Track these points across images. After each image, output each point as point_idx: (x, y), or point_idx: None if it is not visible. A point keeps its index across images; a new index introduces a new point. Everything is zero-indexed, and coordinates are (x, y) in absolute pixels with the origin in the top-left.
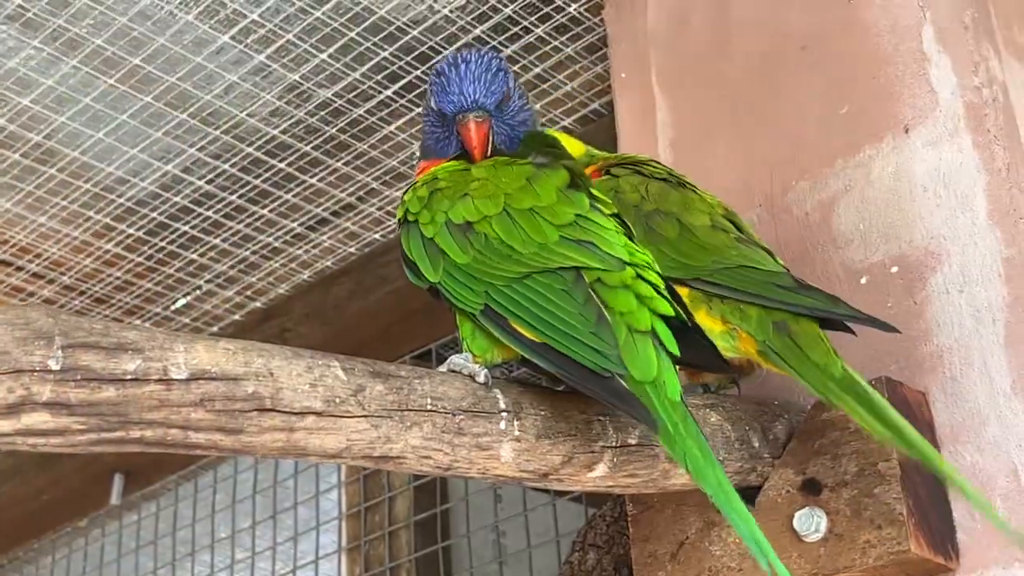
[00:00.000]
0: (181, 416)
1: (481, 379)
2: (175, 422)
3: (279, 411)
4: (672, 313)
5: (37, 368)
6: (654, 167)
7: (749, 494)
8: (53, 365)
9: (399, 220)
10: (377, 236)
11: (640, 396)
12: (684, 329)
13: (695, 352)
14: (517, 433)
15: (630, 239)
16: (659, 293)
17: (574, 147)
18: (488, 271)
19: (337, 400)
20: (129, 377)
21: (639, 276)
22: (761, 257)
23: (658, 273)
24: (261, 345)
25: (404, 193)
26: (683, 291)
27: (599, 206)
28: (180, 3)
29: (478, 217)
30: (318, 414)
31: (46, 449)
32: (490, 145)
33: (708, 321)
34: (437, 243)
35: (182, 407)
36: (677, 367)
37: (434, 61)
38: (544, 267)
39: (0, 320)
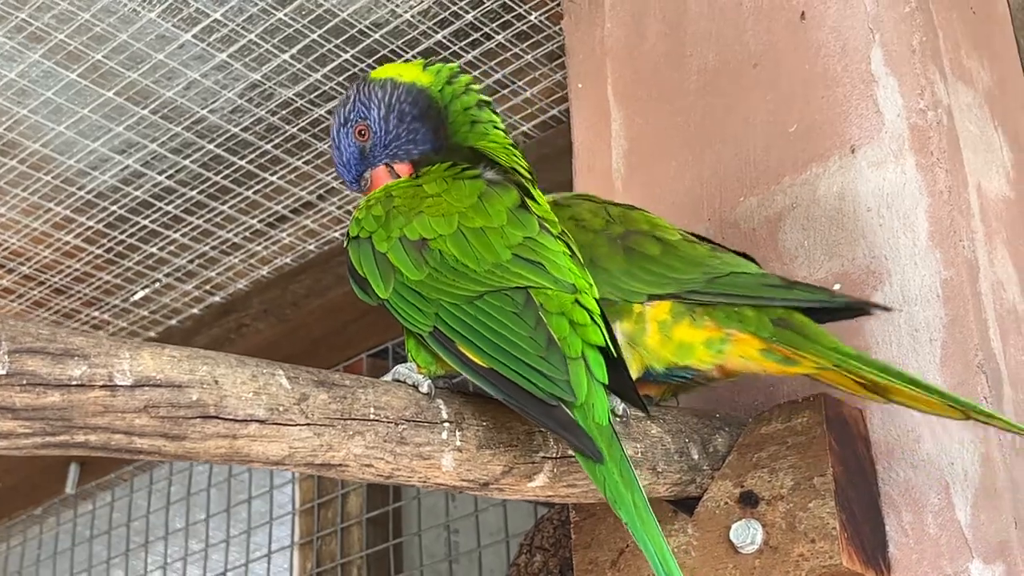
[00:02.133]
0: (125, 422)
1: (424, 389)
2: (119, 427)
3: (222, 418)
4: (602, 343)
5: None
6: (595, 199)
7: (688, 504)
8: None
9: (349, 236)
10: (336, 234)
11: (580, 419)
12: (610, 358)
13: (616, 383)
14: (459, 443)
15: (574, 258)
16: (593, 321)
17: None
18: (441, 289)
19: (280, 408)
20: (75, 383)
21: (577, 302)
22: (742, 262)
23: (596, 300)
24: (207, 353)
25: (356, 211)
26: (665, 306)
27: (548, 227)
28: (143, 1)
29: (433, 234)
30: (261, 422)
31: None
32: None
33: (690, 333)
34: (389, 259)
35: (126, 413)
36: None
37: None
38: (499, 286)
39: None
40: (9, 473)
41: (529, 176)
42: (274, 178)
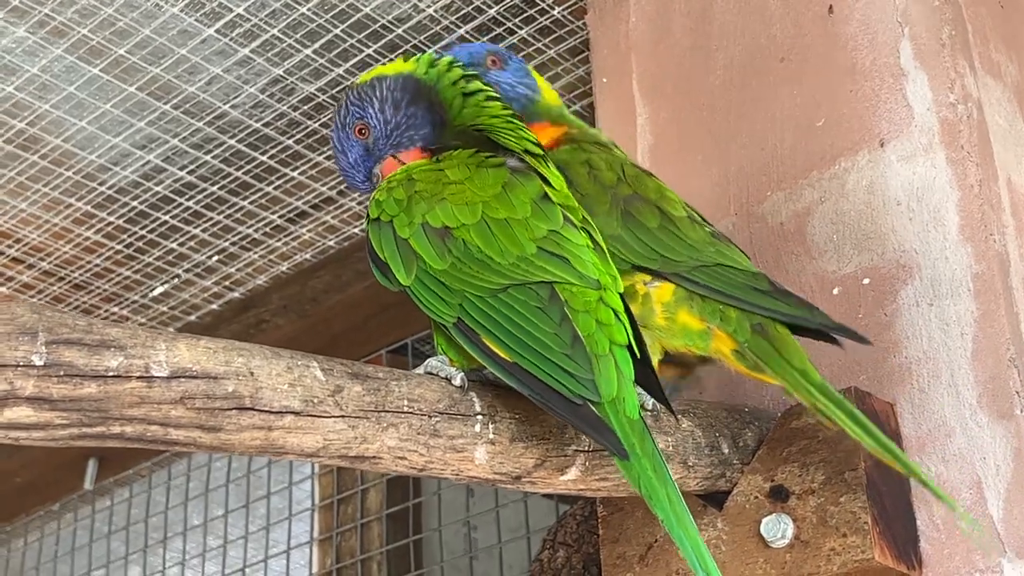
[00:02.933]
0: (161, 413)
1: (457, 382)
2: (155, 419)
3: (258, 410)
4: (626, 342)
5: (21, 363)
6: (618, 150)
7: (718, 499)
8: (37, 360)
9: (369, 218)
10: (356, 230)
11: (605, 417)
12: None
13: (642, 378)
14: (492, 436)
15: (597, 249)
16: (618, 318)
17: (552, 97)
18: (465, 280)
19: (315, 400)
20: (111, 374)
21: (602, 300)
22: (737, 256)
23: (620, 294)
24: (241, 344)
25: (376, 191)
26: (668, 287)
27: (570, 217)
28: None
29: (456, 223)
30: (296, 413)
31: (27, 442)
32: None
33: (689, 319)
34: (412, 245)
35: (162, 404)
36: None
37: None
38: (523, 280)
39: None
40: (27, 468)
41: (541, 153)
42: (295, 174)
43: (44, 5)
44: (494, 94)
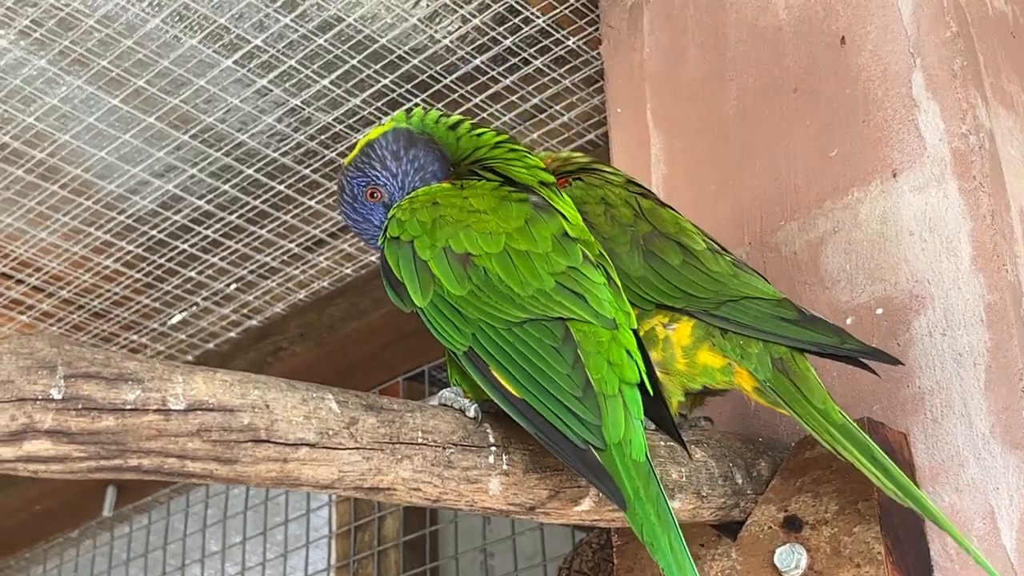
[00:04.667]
0: (178, 446)
1: (471, 413)
2: (172, 451)
3: (273, 442)
4: (637, 380)
5: (40, 397)
6: (613, 173)
7: (732, 529)
8: (55, 394)
9: (387, 236)
10: (373, 258)
11: (607, 464)
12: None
13: (654, 414)
14: (505, 467)
15: (612, 286)
16: (630, 356)
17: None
18: (482, 309)
19: (330, 432)
20: (129, 407)
21: (614, 339)
22: (760, 283)
23: (634, 331)
24: (257, 377)
25: (397, 209)
26: (687, 327)
27: (587, 253)
28: (185, 27)
29: (479, 251)
30: (311, 446)
31: (46, 475)
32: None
33: (710, 358)
34: (431, 267)
35: (179, 437)
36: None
37: (433, 89)
38: (541, 314)
39: (5, 349)
40: (47, 496)
41: (553, 181)
42: (312, 202)
43: (65, 36)
44: (473, 122)
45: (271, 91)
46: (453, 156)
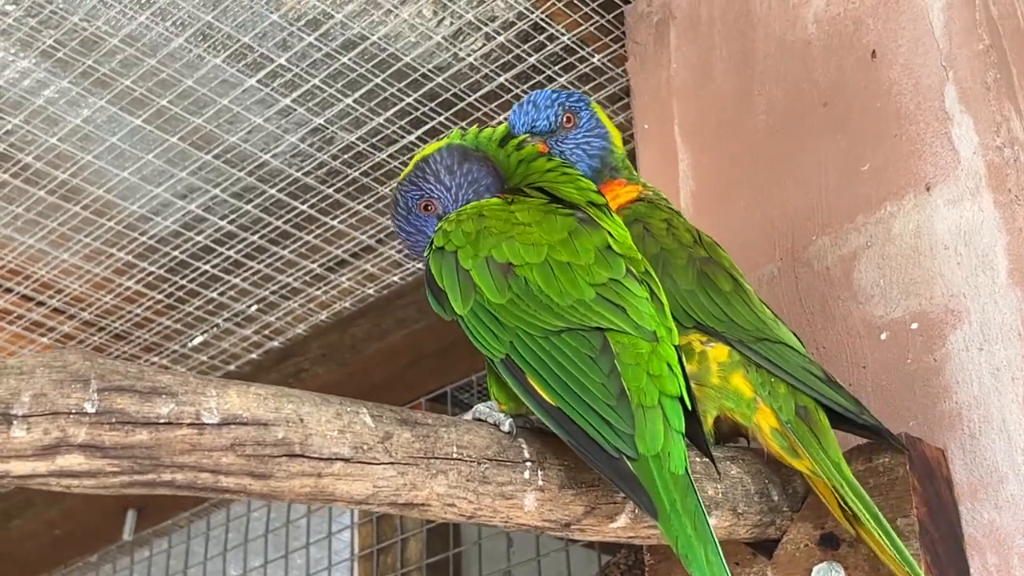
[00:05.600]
0: (212, 460)
1: (506, 428)
2: (206, 466)
3: (308, 457)
4: (678, 393)
5: (73, 411)
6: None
7: (767, 547)
8: (89, 408)
9: (432, 247)
10: (395, 279)
11: (642, 474)
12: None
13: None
14: (541, 483)
15: (654, 300)
16: (671, 370)
17: (619, 141)
18: (520, 317)
19: (365, 447)
20: (162, 421)
21: (654, 352)
22: (796, 340)
23: (676, 346)
24: (291, 391)
25: (444, 222)
26: (724, 349)
27: (632, 268)
28: (208, 46)
29: (521, 261)
30: (346, 460)
31: (79, 490)
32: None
33: (742, 384)
34: (472, 276)
35: (213, 451)
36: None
37: (458, 107)
38: (579, 324)
39: (38, 362)
40: (66, 519)
41: (604, 202)
42: (335, 222)
43: (88, 56)
44: (539, 152)
45: (294, 110)
46: (506, 173)
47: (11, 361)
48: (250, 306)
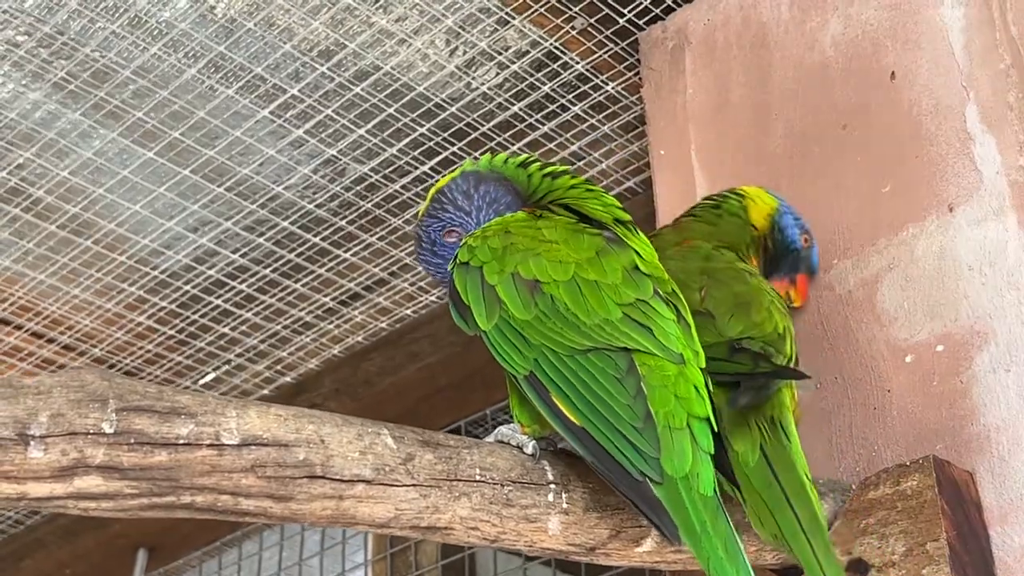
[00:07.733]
0: (232, 482)
1: (529, 450)
2: (226, 488)
3: (329, 478)
4: (706, 415)
5: (91, 431)
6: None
7: (794, 573)
8: (107, 428)
9: (457, 262)
10: (408, 312)
11: (667, 499)
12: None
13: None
14: (565, 505)
15: (681, 322)
16: (698, 392)
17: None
18: (546, 335)
19: (387, 468)
20: (182, 442)
21: (681, 374)
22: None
23: (703, 370)
24: (311, 412)
25: (470, 237)
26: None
27: (658, 288)
28: (220, 77)
29: (547, 278)
30: (368, 482)
31: (96, 513)
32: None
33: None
34: (498, 292)
35: (233, 472)
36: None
37: (471, 137)
38: (605, 343)
39: (55, 382)
40: (77, 559)
41: (629, 219)
42: (347, 255)
43: (100, 88)
44: (547, 164)
45: (307, 141)
46: (525, 192)
47: (28, 381)
48: (262, 341)
